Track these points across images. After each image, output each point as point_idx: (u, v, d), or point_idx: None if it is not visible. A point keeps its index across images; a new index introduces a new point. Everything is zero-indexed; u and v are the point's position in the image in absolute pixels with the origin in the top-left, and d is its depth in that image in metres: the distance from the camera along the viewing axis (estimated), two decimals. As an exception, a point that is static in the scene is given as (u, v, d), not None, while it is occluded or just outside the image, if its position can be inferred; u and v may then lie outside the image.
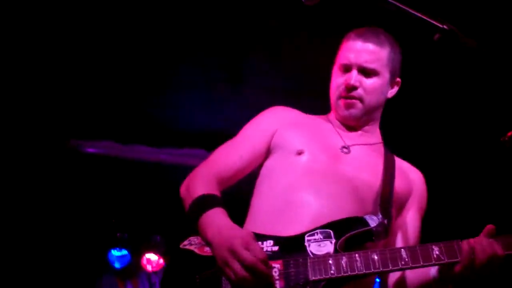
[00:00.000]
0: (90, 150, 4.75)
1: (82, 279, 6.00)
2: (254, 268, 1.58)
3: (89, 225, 5.88)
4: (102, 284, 6.32)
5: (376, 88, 2.12)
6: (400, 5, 1.61)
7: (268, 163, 2.11)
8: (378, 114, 2.21)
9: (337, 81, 2.14)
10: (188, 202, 1.88)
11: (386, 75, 2.13)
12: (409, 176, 2.15)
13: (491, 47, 1.64)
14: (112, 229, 6.05)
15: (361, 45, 2.10)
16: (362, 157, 2.08)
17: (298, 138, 2.07)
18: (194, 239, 1.87)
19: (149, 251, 6.06)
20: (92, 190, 5.41)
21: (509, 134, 3.15)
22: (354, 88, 2.08)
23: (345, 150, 2.08)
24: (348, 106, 2.11)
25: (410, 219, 2.11)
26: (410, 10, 1.61)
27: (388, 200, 1.97)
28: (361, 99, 2.10)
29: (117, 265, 6.12)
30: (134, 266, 6.13)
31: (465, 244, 1.71)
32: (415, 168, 2.22)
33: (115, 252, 6.08)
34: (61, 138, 4.79)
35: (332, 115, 2.23)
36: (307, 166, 2.00)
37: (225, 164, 2.06)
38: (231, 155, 2.08)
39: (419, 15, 1.61)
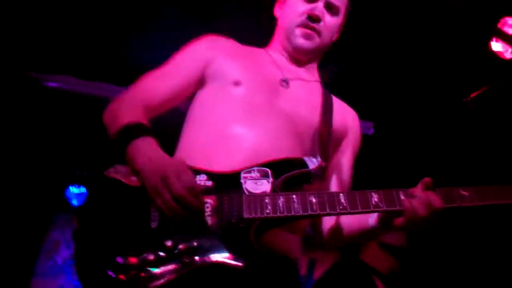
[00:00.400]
0: (51, 84, 4.59)
1: (39, 214, 5.96)
2: (182, 199, 1.52)
3: (48, 161, 5.78)
4: (58, 221, 6.31)
5: (333, 27, 2.13)
6: None
7: (202, 94, 2.01)
8: (322, 54, 2.20)
9: (299, 8, 2.09)
10: (113, 130, 1.74)
11: (341, 17, 2.15)
12: (345, 115, 2.15)
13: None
14: (71, 166, 5.98)
15: None
16: (301, 93, 2.04)
17: (235, 68, 1.99)
18: (120, 168, 1.73)
19: (107, 190, 6.02)
20: (52, 126, 5.28)
21: (472, 95, 3.18)
22: (318, 20, 2.05)
23: (284, 84, 2.02)
24: (306, 37, 2.07)
25: (345, 161, 2.11)
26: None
27: (326, 140, 1.95)
28: (319, 33, 2.08)
29: (74, 202, 6.08)
30: (92, 204, 6.08)
31: (406, 201, 1.68)
32: (350, 107, 2.21)
33: (73, 189, 6.04)
34: (20, 69, 4.60)
35: (273, 47, 2.18)
36: (244, 98, 1.92)
37: (154, 91, 1.94)
38: (161, 82, 1.97)
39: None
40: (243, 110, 1.90)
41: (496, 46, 3.65)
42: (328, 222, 2.06)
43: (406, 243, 3.86)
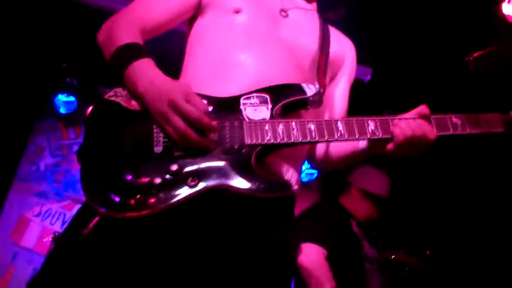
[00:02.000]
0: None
1: (24, 117, 5.93)
2: (198, 121, 1.54)
3: (38, 65, 5.70)
4: (44, 125, 6.29)
5: None
6: None
7: (201, 22, 2.00)
8: None
9: None
10: (110, 49, 1.71)
11: None
12: (342, 44, 2.16)
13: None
14: (62, 73, 5.90)
15: None
16: (300, 22, 2.04)
17: None
18: (121, 91, 1.71)
19: (97, 101, 5.95)
20: (46, 30, 5.17)
21: (475, 55, 3.12)
22: None
23: (283, 13, 2.02)
24: None
25: (342, 90, 2.15)
26: None
27: (324, 68, 1.97)
28: None
29: (62, 110, 6.04)
30: (79, 114, 6.05)
31: (396, 128, 1.73)
32: (347, 37, 2.22)
33: (61, 97, 5.99)
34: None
35: None
36: (245, 26, 1.91)
37: (150, 13, 1.90)
38: (156, 4, 1.93)
39: None
40: (243, 38, 1.89)
41: (508, 8, 3.56)
42: (321, 146, 2.11)
43: (388, 194, 3.90)
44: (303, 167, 6.35)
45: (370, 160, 1.98)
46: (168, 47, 2.68)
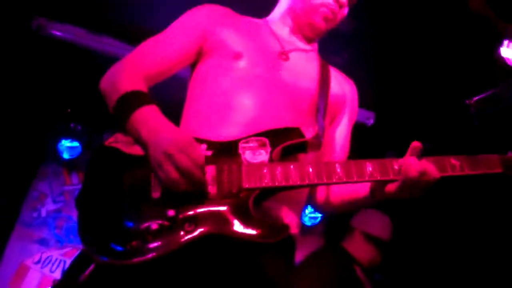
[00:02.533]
0: (56, 33, 4.52)
1: (28, 162, 5.94)
2: (188, 172, 1.54)
3: (43, 111, 5.74)
4: (47, 171, 6.28)
5: (344, 17, 2.16)
6: None
7: (202, 67, 2.01)
8: None
9: None
10: (114, 97, 1.74)
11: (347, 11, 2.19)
12: (342, 84, 2.16)
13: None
14: (66, 119, 5.94)
15: None
16: (300, 64, 2.05)
17: (236, 41, 1.99)
18: (121, 137, 1.75)
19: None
20: (51, 75, 5.23)
21: (475, 98, 3.14)
22: (342, 6, 2.10)
23: (283, 56, 2.03)
24: (327, 20, 2.10)
25: (342, 130, 2.14)
26: None
27: (323, 111, 1.98)
28: (335, 20, 2.12)
29: (65, 155, 6.06)
30: (83, 160, 6.07)
31: (396, 169, 1.70)
32: (348, 77, 2.23)
33: (65, 142, 6.01)
34: (26, 14, 4.52)
35: (276, 18, 2.19)
36: (245, 71, 1.93)
37: (153, 60, 1.93)
38: (158, 52, 1.95)
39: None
40: (244, 82, 1.91)
41: (506, 52, 3.60)
42: (322, 190, 2.09)
43: (390, 238, 3.86)
44: (307, 211, 6.31)
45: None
46: (167, 92, 2.70)
